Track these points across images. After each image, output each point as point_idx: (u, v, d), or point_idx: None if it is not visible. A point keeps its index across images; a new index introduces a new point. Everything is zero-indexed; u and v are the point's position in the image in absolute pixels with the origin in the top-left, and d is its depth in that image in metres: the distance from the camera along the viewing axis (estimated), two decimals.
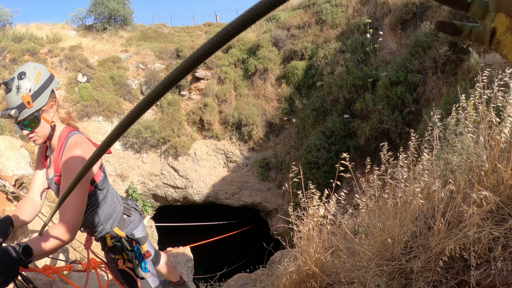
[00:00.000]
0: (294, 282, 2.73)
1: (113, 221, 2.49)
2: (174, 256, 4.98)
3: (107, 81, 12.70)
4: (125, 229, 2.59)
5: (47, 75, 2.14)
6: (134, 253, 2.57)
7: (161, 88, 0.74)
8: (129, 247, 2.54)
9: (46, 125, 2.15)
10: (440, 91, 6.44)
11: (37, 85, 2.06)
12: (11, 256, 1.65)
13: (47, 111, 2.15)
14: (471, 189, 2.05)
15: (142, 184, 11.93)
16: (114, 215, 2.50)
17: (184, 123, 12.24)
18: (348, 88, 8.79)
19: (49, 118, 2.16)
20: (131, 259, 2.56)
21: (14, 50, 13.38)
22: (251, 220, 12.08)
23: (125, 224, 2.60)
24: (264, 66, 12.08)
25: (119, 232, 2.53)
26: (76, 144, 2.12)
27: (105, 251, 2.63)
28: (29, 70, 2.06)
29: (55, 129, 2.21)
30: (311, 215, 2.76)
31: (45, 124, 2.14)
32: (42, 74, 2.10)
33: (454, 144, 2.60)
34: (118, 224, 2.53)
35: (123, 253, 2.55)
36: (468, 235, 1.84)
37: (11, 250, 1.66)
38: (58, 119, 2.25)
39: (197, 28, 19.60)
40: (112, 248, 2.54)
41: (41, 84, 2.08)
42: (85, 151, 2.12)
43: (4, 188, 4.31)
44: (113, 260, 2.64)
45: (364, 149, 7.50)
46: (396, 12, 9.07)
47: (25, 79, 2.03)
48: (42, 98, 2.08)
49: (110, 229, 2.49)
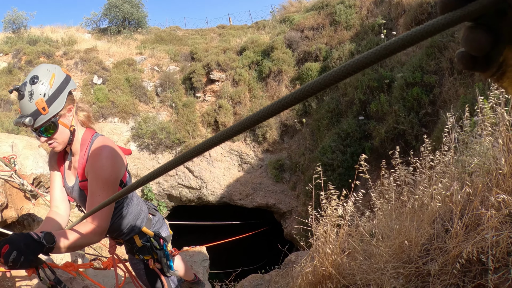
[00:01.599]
0: (309, 283, 2.74)
1: (141, 221, 2.47)
2: (190, 255, 5.03)
3: (122, 83, 12.88)
4: (152, 228, 2.56)
5: (62, 76, 1.98)
6: (163, 251, 2.55)
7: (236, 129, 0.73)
8: (158, 246, 2.51)
9: (65, 130, 2.01)
10: (457, 92, 6.37)
11: (51, 89, 1.90)
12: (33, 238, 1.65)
13: (65, 116, 1.99)
14: (489, 192, 2.04)
15: (157, 184, 12.06)
16: (142, 215, 2.48)
17: (199, 125, 12.33)
18: (363, 89, 8.75)
19: (67, 123, 2.01)
20: (159, 258, 2.54)
21: (30, 52, 13.66)
22: (265, 221, 12.09)
23: (152, 224, 2.58)
24: (278, 68, 12.09)
25: (148, 231, 2.50)
26: (103, 147, 2.03)
27: (132, 253, 2.61)
28: (42, 73, 1.90)
29: (75, 134, 2.07)
30: (329, 215, 2.76)
31: (63, 129, 2.00)
32: (56, 76, 1.94)
33: (471, 147, 2.59)
34: (145, 223, 2.51)
35: (153, 252, 2.53)
36: (486, 238, 1.84)
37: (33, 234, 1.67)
38: (77, 122, 2.11)
39: (211, 30, 19.73)
40: (141, 249, 2.52)
41: (56, 87, 1.92)
42: (113, 152, 2.04)
43: (23, 186, 4.41)
44: (140, 262, 2.62)
45: (379, 151, 7.45)
46: (410, 13, 8.99)
47: (38, 83, 1.87)
48: (58, 103, 1.92)
49: (139, 229, 2.46)
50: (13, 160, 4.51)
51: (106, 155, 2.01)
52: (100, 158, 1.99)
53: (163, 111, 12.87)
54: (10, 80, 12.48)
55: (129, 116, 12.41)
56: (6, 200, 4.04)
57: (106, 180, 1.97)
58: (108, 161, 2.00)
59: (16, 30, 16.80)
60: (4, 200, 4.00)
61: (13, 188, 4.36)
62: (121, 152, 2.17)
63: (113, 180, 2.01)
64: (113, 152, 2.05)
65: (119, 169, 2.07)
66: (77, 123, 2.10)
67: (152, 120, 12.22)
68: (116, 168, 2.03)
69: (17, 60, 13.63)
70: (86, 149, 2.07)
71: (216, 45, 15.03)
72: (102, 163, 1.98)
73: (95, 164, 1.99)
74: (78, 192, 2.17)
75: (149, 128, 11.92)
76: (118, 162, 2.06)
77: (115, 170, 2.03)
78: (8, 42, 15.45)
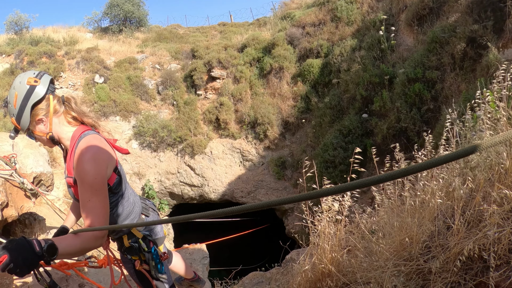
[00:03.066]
0: (309, 281, 2.71)
1: (131, 222, 2.44)
2: (190, 253, 5.02)
3: (123, 82, 12.88)
4: (143, 230, 2.53)
5: (23, 92, 2.05)
6: (151, 254, 2.52)
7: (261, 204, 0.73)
8: (146, 248, 2.49)
9: (43, 138, 2.14)
10: (458, 88, 6.31)
11: (15, 109, 2.05)
12: (33, 251, 1.64)
13: (35, 127, 2.11)
14: (491, 188, 2.01)
15: (159, 182, 12.06)
16: (131, 216, 2.45)
17: (201, 122, 12.32)
18: (365, 85, 8.70)
19: (43, 130, 2.12)
20: (147, 260, 2.52)
21: (32, 53, 13.69)
22: (267, 219, 12.08)
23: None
24: (279, 65, 12.05)
25: (137, 232, 2.49)
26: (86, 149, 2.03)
27: (121, 251, 2.59)
28: (10, 94, 2.08)
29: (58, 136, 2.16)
30: (326, 210, 2.73)
31: (41, 137, 2.14)
32: (18, 95, 2.04)
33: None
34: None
35: (140, 254, 2.51)
36: (488, 235, 1.80)
37: (35, 245, 1.66)
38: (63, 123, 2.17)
39: (212, 28, 19.71)
40: (129, 249, 2.51)
41: (19, 106, 2.04)
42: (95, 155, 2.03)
43: (23, 185, 4.41)
44: (129, 261, 2.60)
45: (381, 147, 7.41)
46: (412, 8, 8.91)
47: (9, 105, 2.08)
48: (24, 119, 2.06)
49: (127, 230, 2.45)
50: (14, 159, 4.51)
51: (88, 158, 1.99)
52: (82, 162, 1.98)
53: (164, 109, 12.86)
54: (12, 80, 12.47)
55: (130, 114, 12.41)
56: (7, 199, 4.03)
57: (91, 184, 1.97)
58: (89, 165, 1.98)
59: (18, 31, 16.86)
60: (4, 199, 3.99)
61: (13, 187, 4.35)
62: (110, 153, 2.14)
63: (99, 183, 2.00)
64: (95, 155, 2.03)
65: (103, 171, 2.04)
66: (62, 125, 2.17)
67: (153, 118, 12.22)
68: (99, 170, 2.01)
69: (19, 61, 13.66)
70: (73, 148, 2.09)
71: (217, 42, 15.00)
72: (84, 167, 1.97)
73: (78, 168, 1.99)
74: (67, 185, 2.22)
75: (151, 126, 11.92)
76: (101, 164, 2.03)
77: (99, 173, 2.00)
78: (10, 43, 15.51)
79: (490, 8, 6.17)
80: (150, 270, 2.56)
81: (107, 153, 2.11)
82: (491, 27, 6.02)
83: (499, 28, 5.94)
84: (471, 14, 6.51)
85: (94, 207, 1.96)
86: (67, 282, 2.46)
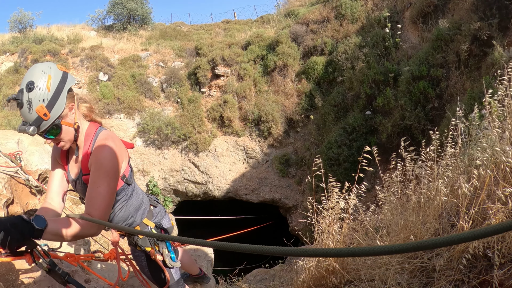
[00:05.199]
0: (313, 278, 2.72)
1: (143, 212, 2.49)
2: (195, 249, 5.04)
3: (127, 79, 12.91)
4: (153, 219, 2.59)
5: (59, 76, 1.92)
6: (164, 242, 2.57)
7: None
8: None
9: (70, 129, 2.01)
10: (463, 86, 6.28)
11: (49, 92, 1.84)
12: (22, 218, 1.65)
13: (67, 116, 1.98)
14: (496, 186, 2.00)
15: (163, 179, 12.10)
16: (143, 206, 2.49)
17: (205, 120, 12.33)
18: (369, 83, 8.67)
19: (71, 121, 2.01)
20: (161, 249, 2.56)
21: (36, 51, 13.73)
22: (270, 216, 12.09)
23: (153, 215, 2.61)
24: (283, 62, 12.02)
25: (149, 222, 2.53)
26: (107, 139, 2.04)
27: (133, 245, 2.62)
28: (37, 77, 1.83)
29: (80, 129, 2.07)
30: (331, 208, 2.74)
31: (68, 128, 1.99)
32: (53, 77, 1.87)
33: (478, 140, 2.54)
34: (147, 215, 2.53)
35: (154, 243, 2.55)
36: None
37: (23, 216, 1.68)
38: (81, 116, 2.11)
39: (215, 25, 19.70)
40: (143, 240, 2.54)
41: (54, 89, 1.86)
42: (116, 146, 2.06)
43: (28, 182, 4.45)
44: (142, 253, 2.64)
45: (386, 145, 7.40)
46: (416, 5, 8.86)
47: (35, 89, 1.81)
48: (59, 105, 1.89)
49: (140, 221, 2.47)
50: (19, 156, 4.54)
51: (109, 148, 2.01)
52: (104, 151, 2.00)
53: (168, 106, 12.88)
54: (16, 79, 12.57)
55: (134, 112, 12.44)
56: (12, 195, 4.08)
57: (108, 171, 1.99)
58: (111, 153, 2.01)
59: (22, 30, 16.91)
60: (10, 195, 4.03)
61: (18, 184, 4.40)
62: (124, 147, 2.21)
63: (115, 171, 2.03)
64: (116, 146, 2.07)
65: (120, 163, 2.09)
66: (80, 118, 2.10)
67: (157, 115, 12.24)
68: (118, 161, 2.05)
69: (23, 59, 13.70)
70: (90, 143, 2.08)
71: (221, 40, 14.99)
72: (105, 155, 1.99)
73: (98, 155, 1.99)
74: (81, 185, 2.18)
75: (155, 123, 11.94)
76: (120, 155, 2.09)
77: (117, 162, 2.05)
78: (14, 42, 15.56)
79: (495, 6, 6.13)
80: (164, 260, 2.59)
81: (123, 147, 2.16)
82: (496, 25, 5.99)
83: (505, 26, 5.90)
84: (476, 11, 6.47)
85: (103, 193, 1.97)
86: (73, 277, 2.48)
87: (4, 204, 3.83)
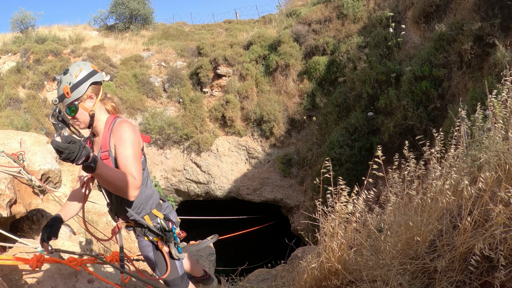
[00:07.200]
0: (315, 279, 2.73)
1: (153, 202, 2.69)
2: (197, 249, 5.05)
3: (130, 79, 12.94)
4: (162, 211, 2.76)
5: (88, 71, 2.40)
6: (172, 233, 2.72)
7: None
8: (167, 228, 2.70)
9: (85, 113, 2.40)
10: (465, 86, 6.27)
11: (76, 79, 2.33)
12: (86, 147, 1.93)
13: (84, 101, 2.39)
14: (498, 188, 2.00)
15: (165, 179, 12.12)
16: (154, 197, 2.72)
17: (207, 120, 12.34)
18: (371, 83, 8.66)
19: (88, 107, 2.41)
20: (168, 240, 2.71)
21: (38, 51, 13.75)
22: (272, 216, 12.09)
23: (162, 208, 2.77)
24: (285, 62, 12.02)
25: (158, 213, 2.71)
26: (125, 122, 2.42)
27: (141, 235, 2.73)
28: (73, 67, 2.37)
29: (96, 117, 2.45)
30: (337, 211, 2.74)
31: (83, 112, 2.39)
32: (83, 70, 2.37)
33: (481, 141, 2.54)
34: (156, 206, 2.72)
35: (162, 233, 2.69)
36: (494, 234, 1.80)
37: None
38: (102, 109, 2.52)
39: (217, 25, 19.70)
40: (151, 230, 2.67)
41: (80, 78, 2.34)
42: (133, 126, 2.42)
43: (31, 182, 4.45)
44: (149, 244, 2.75)
45: (388, 146, 7.38)
46: (419, 5, 8.84)
47: (67, 74, 2.34)
48: (79, 90, 2.34)
49: (150, 210, 2.67)
50: (22, 156, 4.55)
51: (128, 125, 2.40)
52: (124, 127, 2.37)
53: (170, 106, 12.90)
54: (19, 79, 12.59)
55: (137, 111, 12.47)
56: (15, 195, 4.08)
57: (131, 140, 2.33)
58: (130, 128, 2.38)
59: (24, 29, 16.95)
60: (13, 195, 4.03)
61: (21, 184, 4.40)
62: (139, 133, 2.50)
63: (137, 142, 2.38)
64: (133, 126, 2.44)
65: (139, 138, 2.44)
66: (101, 110, 2.50)
67: (159, 115, 12.26)
68: (137, 135, 2.41)
69: (26, 59, 13.73)
70: (109, 127, 2.44)
71: (223, 40, 14.99)
72: (125, 129, 2.36)
73: (120, 131, 2.35)
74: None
75: (157, 123, 11.96)
76: (137, 133, 2.44)
77: (137, 136, 2.40)
78: (16, 42, 15.59)
79: (497, 6, 6.11)
80: (170, 251, 2.73)
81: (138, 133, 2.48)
82: (499, 25, 5.97)
83: (507, 26, 5.89)
84: (478, 11, 6.45)
85: (132, 157, 2.29)
86: (76, 278, 2.50)
87: (7, 204, 3.84)
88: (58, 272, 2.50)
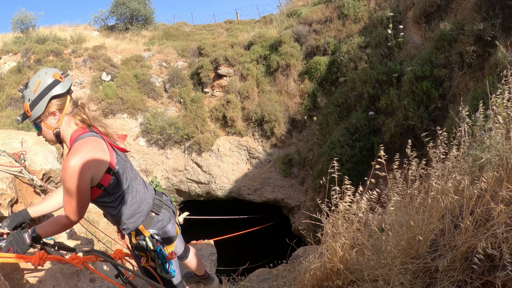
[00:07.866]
0: (317, 278, 2.73)
1: (136, 220, 2.46)
2: (198, 249, 5.06)
3: (130, 79, 12.95)
4: (151, 227, 2.54)
5: (47, 82, 2.10)
6: (156, 253, 2.56)
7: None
8: (152, 247, 2.52)
9: (49, 131, 2.19)
10: (467, 86, 6.26)
11: (34, 94, 2.08)
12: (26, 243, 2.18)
13: (46, 118, 2.15)
14: (499, 187, 2.00)
15: (166, 179, 12.12)
16: (137, 214, 2.46)
17: (208, 120, 12.35)
18: (372, 83, 8.66)
19: (51, 125, 2.17)
20: (153, 259, 2.58)
21: (38, 51, 13.78)
22: (273, 216, 12.08)
23: (152, 222, 2.55)
24: (286, 62, 12.02)
25: (144, 231, 2.51)
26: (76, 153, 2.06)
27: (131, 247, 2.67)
28: (33, 80, 2.12)
29: (62, 135, 2.21)
30: (341, 211, 2.73)
31: (47, 130, 2.19)
32: (41, 82, 2.09)
33: (482, 141, 2.54)
34: (143, 222, 2.49)
35: (147, 251, 2.56)
36: (496, 233, 1.80)
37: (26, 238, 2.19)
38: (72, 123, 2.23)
39: (218, 25, 19.72)
40: (136, 246, 2.56)
41: (38, 93, 2.08)
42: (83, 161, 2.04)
43: (32, 182, 4.45)
44: (137, 257, 2.68)
45: (389, 146, 7.38)
46: (419, 5, 8.83)
47: (28, 89, 2.12)
48: (38, 108, 2.10)
49: (133, 228, 2.48)
50: (23, 156, 4.55)
51: (74, 164, 2.02)
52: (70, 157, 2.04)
53: (171, 106, 12.91)
54: (19, 79, 12.63)
55: (138, 112, 12.48)
56: (16, 195, 4.08)
57: (67, 189, 2.07)
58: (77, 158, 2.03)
59: (25, 30, 16.97)
60: (14, 195, 4.04)
61: (23, 183, 4.40)
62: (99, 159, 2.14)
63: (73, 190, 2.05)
64: (84, 160, 2.04)
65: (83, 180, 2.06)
66: (69, 126, 2.22)
67: (160, 115, 12.26)
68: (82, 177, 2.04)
69: (26, 59, 13.76)
70: (70, 147, 2.18)
71: (224, 40, 15.00)
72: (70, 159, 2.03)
73: (65, 160, 2.07)
74: None
75: (158, 123, 11.97)
76: (86, 171, 2.05)
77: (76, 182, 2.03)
78: (17, 42, 15.62)
79: (498, 6, 6.11)
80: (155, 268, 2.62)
81: (94, 161, 2.10)
82: (500, 25, 5.97)
83: (508, 26, 5.88)
84: (479, 11, 6.45)
85: (70, 204, 2.12)
86: (78, 277, 2.50)
87: (9, 203, 3.85)
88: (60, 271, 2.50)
